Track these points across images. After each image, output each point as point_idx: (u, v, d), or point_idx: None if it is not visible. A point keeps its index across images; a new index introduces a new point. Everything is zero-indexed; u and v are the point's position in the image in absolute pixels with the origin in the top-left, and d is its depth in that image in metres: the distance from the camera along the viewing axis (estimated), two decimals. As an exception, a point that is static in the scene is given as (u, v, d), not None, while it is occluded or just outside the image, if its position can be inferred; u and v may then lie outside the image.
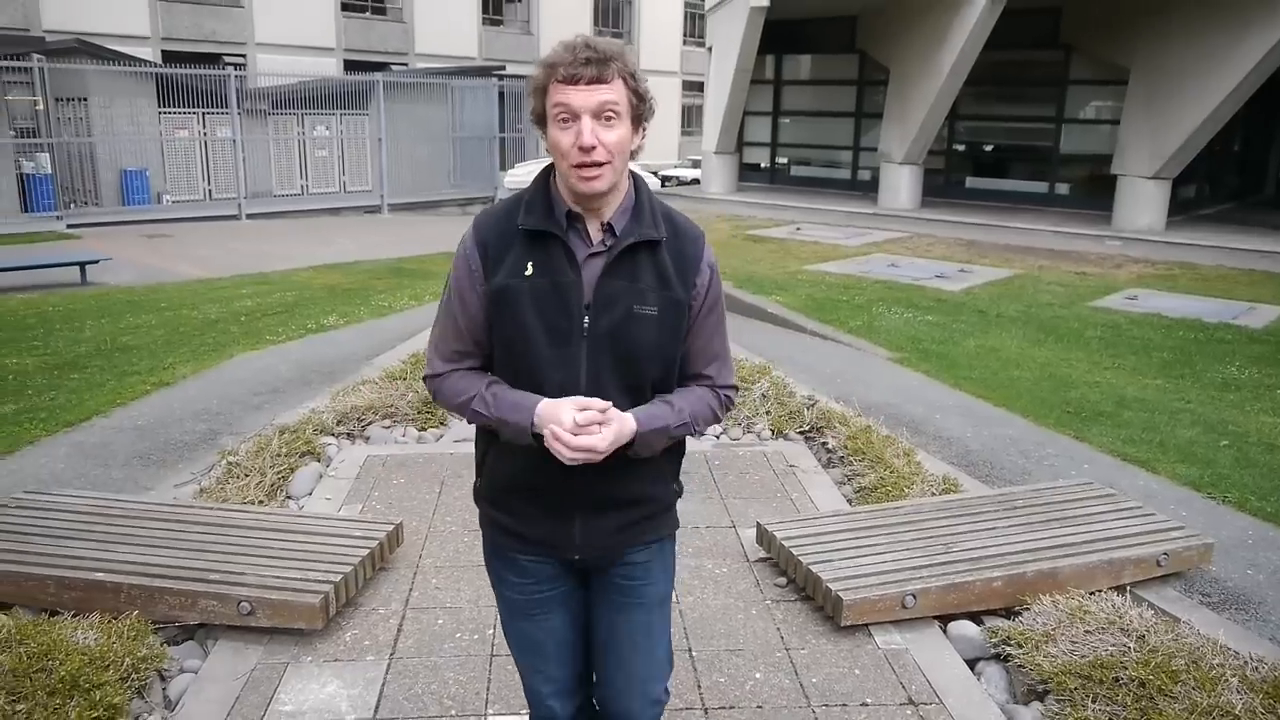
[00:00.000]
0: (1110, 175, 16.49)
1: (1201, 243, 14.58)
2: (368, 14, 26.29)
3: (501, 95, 21.97)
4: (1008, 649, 3.14)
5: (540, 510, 1.97)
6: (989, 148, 20.62)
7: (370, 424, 5.24)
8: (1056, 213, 17.81)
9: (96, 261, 10.82)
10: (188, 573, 3.25)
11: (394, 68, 25.05)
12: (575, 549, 1.99)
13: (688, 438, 2.07)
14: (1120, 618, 3.11)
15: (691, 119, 36.34)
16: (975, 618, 3.40)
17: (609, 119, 1.76)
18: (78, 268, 10.64)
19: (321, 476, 4.61)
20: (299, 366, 6.71)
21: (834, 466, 4.93)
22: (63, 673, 2.65)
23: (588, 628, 2.13)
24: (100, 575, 3.22)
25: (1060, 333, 8.39)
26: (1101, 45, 17.04)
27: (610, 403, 1.79)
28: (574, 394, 1.82)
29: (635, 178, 1.93)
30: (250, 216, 17.10)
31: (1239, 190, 21.24)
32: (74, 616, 3.08)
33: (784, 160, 23.42)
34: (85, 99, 16.81)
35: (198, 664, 3.09)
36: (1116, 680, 2.80)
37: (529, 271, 1.84)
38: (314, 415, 5.15)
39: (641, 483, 1.99)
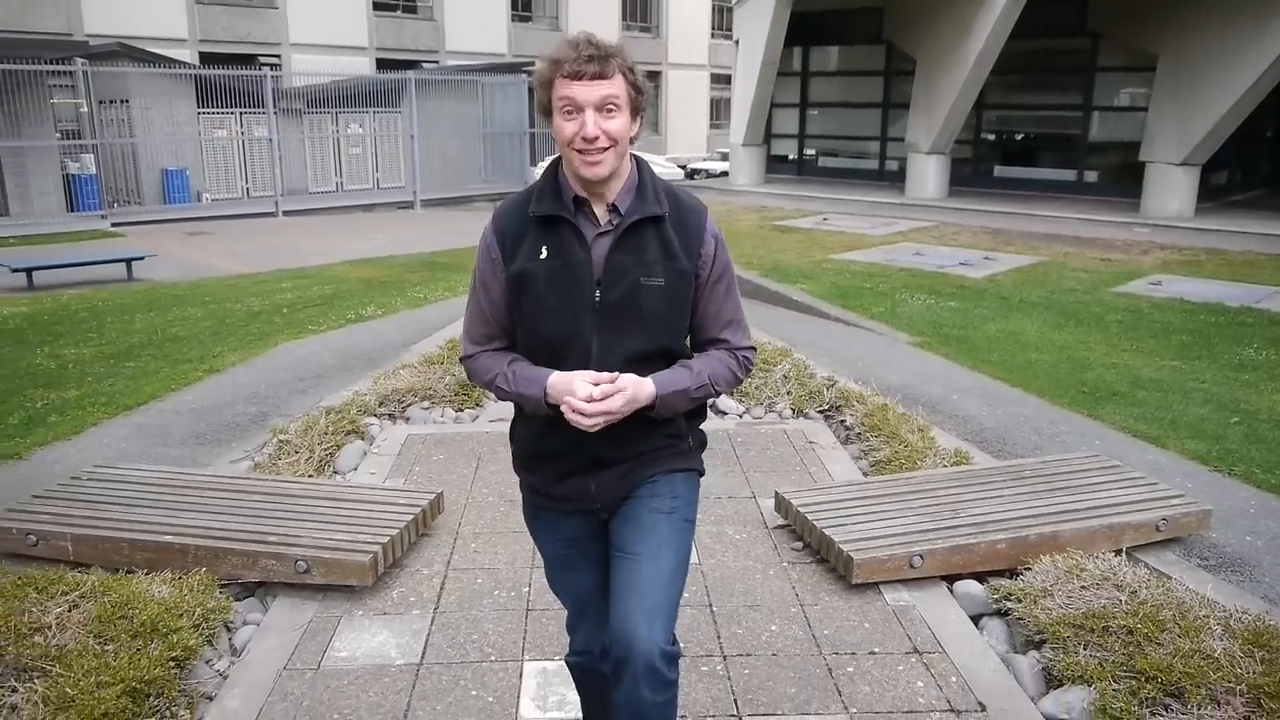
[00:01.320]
0: (1139, 162, 16.47)
1: (1231, 229, 14.56)
2: (399, 13, 26.69)
3: (531, 91, 22.22)
4: (1008, 604, 3.36)
5: (560, 472, 2.13)
6: (1017, 136, 20.60)
7: (410, 405, 5.53)
8: (1085, 200, 17.81)
9: (142, 258, 11.23)
10: (248, 535, 3.55)
11: (425, 65, 25.42)
12: (595, 501, 2.14)
13: (708, 411, 2.23)
14: (1114, 575, 3.32)
15: (720, 112, 36.46)
16: (980, 578, 3.61)
17: (610, 111, 1.92)
18: (124, 264, 11.05)
19: (366, 453, 4.90)
20: (340, 354, 7.02)
21: (851, 443, 5.15)
22: (143, 618, 2.94)
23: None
24: (169, 538, 3.52)
25: (1081, 317, 8.53)
26: (1129, 32, 17.01)
27: (619, 374, 1.94)
28: (587, 366, 1.98)
29: (637, 160, 2.08)
30: (287, 213, 17.53)
31: (1272, 176, 21.06)
32: (146, 574, 3.38)
33: (811, 152, 23.52)
34: (127, 101, 17.32)
35: (259, 617, 3.38)
36: (1106, 629, 3.01)
37: (543, 255, 2.01)
38: (357, 397, 5.44)
39: (653, 443, 2.12)
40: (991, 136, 20.74)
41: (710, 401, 2.31)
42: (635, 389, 1.95)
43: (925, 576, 3.57)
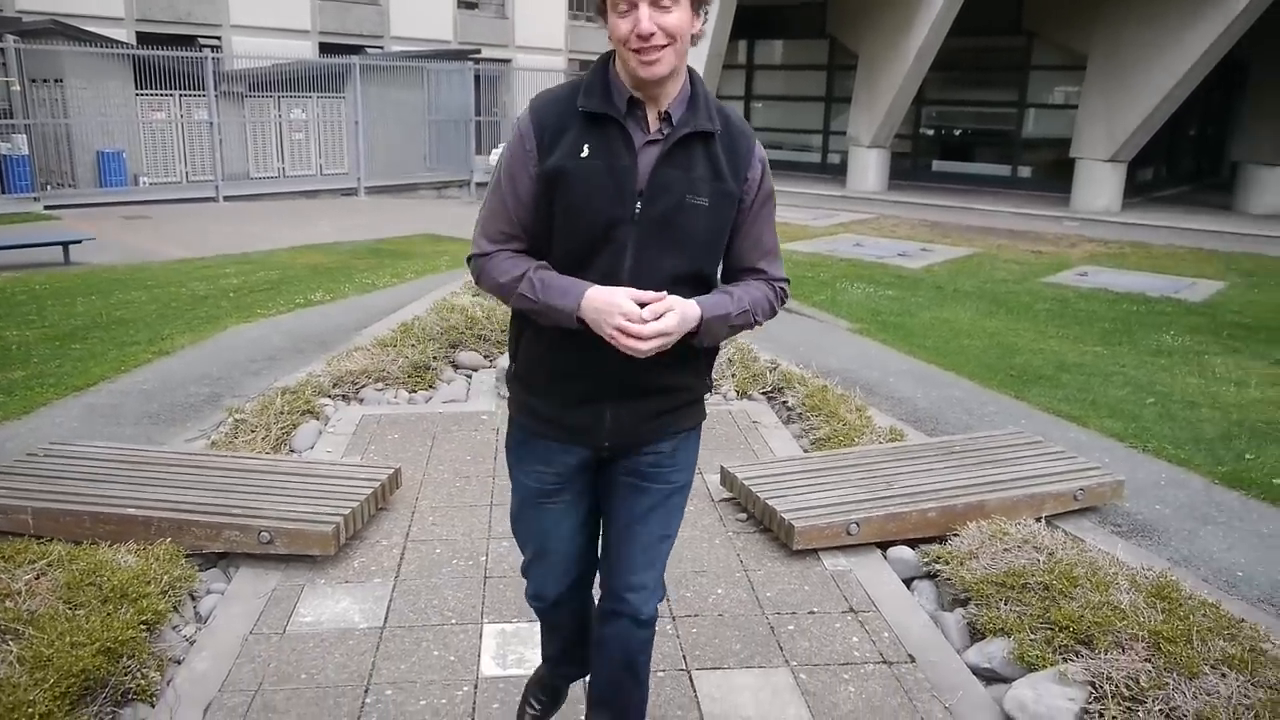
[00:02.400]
0: (1070, 159, 17.05)
1: (1155, 223, 15.18)
2: (342, -3, 26.35)
3: (477, 78, 22.20)
4: (937, 567, 3.59)
5: (574, 396, 2.01)
6: (955, 132, 21.16)
7: (364, 387, 5.62)
8: (1019, 195, 18.38)
9: (80, 241, 11.02)
10: (211, 508, 3.64)
11: (370, 50, 25.15)
12: (605, 435, 2.03)
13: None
14: (1034, 539, 3.57)
15: (665, 103, 36.55)
16: (912, 544, 3.84)
17: (666, 6, 1.78)
18: (61, 248, 10.85)
19: (321, 433, 4.99)
20: (291, 337, 7.07)
21: (793, 422, 5.37)
22: (112, 584, 3.03)
23: (595, 523, 2.22)
24: (132, 510, 3.60)
25: (1011, 306, 8.89)
26: (1061, 31, 17.59)
27: (664, 293, 1.84)
28: (617, 281, 1.86)
29: (691, 71, 1.95)
30: (227, 199, 17.29)
31: (1196, 173, 21.92)
32: (111, 546, 3.45)
33: (756, 144, 23.81)
34: (60, 80, 16.91)
35: (224, 586, 3.48)
36: (1025, 586, 3.25)
37: (585, 153, 1.86)
38: (312, 378, 5.52)
39: (675, 372, 2.02)
40: (930, 132, 21.26)
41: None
42: (684, 309, 1.84)
43: (861, 543, 3.79)
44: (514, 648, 3.09)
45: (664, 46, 1.80)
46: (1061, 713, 2.73)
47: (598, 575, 2.30)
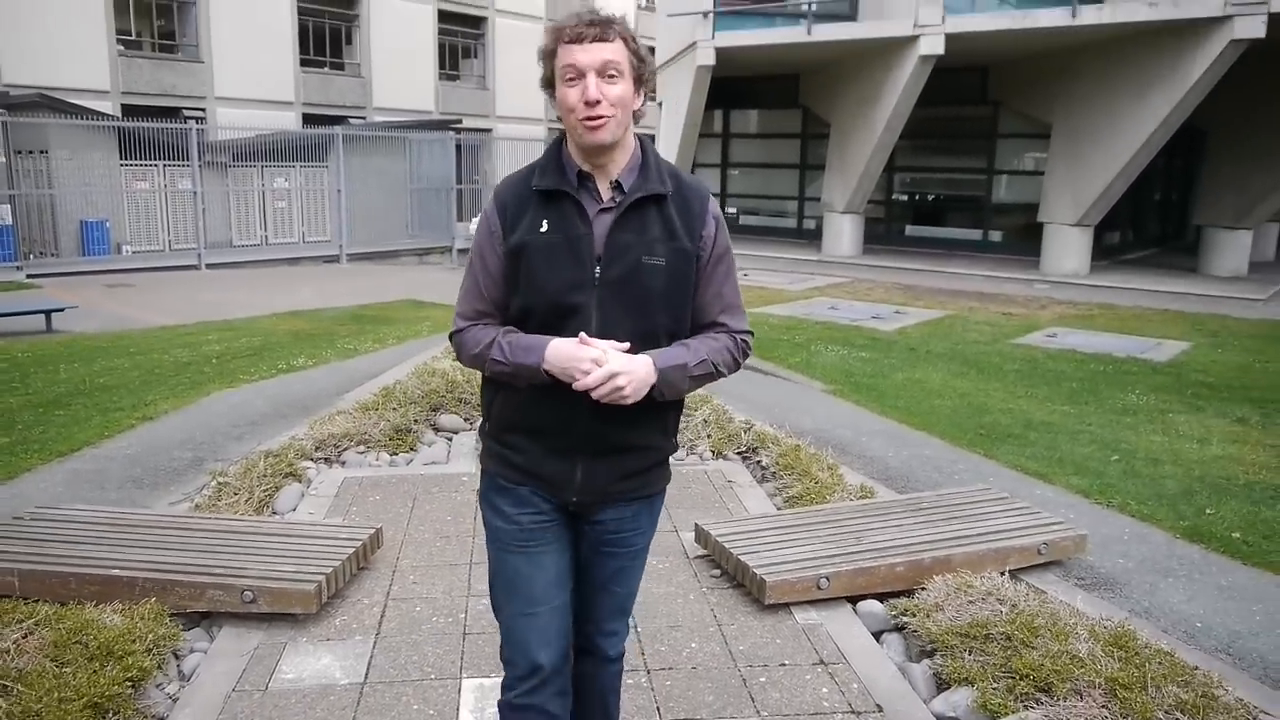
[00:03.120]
0: (1038, 223, 17.50)
1: (1122, 285, 15.55)
2: (326, 69, 26.91)
3: (459, 147, 22.62)
4: (905, 619, 3.70)
5: (544, 451, 2.09)
6: (927, 198, 21.66)
7: (346, 450, 5.71)
8: (990, 258, 18.78)
9: (62, 310, 11.12)
10: (195, 568, 3.71)
11: (352, 121, 25.63)
12: (574, 490, 2.10)
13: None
14: (997, 591, 3.68)
15: (643, 170, 37.25)
16: (881, 598, 3.94)
17: (612, 77, 1.94)
18: (43, 316, 10.94)
19: (304, 495, 5.07)
20: (274, 401, 7.16)
21: (767, 481, 5.49)
22: (98, 642, 3.09)
23: (571, 581, 2.24)
24: (116, 571, 3.66)
25: (982, 366, 9.10)
26: (1025, 102, 18.18)
27: (623, 344, 1.96)
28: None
29: (641, 139, 2.09)
30: (210, 266, 17.46)
31: (1162, 236, 22.47)
32: (96, 606, 3.51)
33: (733, 210, 24.27)
34: (46, 151, 17.13)
35: (206, 645, 3.53)
36: (988, 636, 3.36)
37: (544, 228, 2.00)
38: (294, 442, 5.60)
39: (644, 431, 2.11)
40: (903, 197, 21.76)
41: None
42: (633, 365, 1.95)
43: (831, 597, 3.89)
44: (492, 701, 3.14)
45: (609, 115, 1.94)
46: (1023, 757, 2.83)
47: None
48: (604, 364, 1.92)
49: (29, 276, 15.55)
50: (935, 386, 8.20)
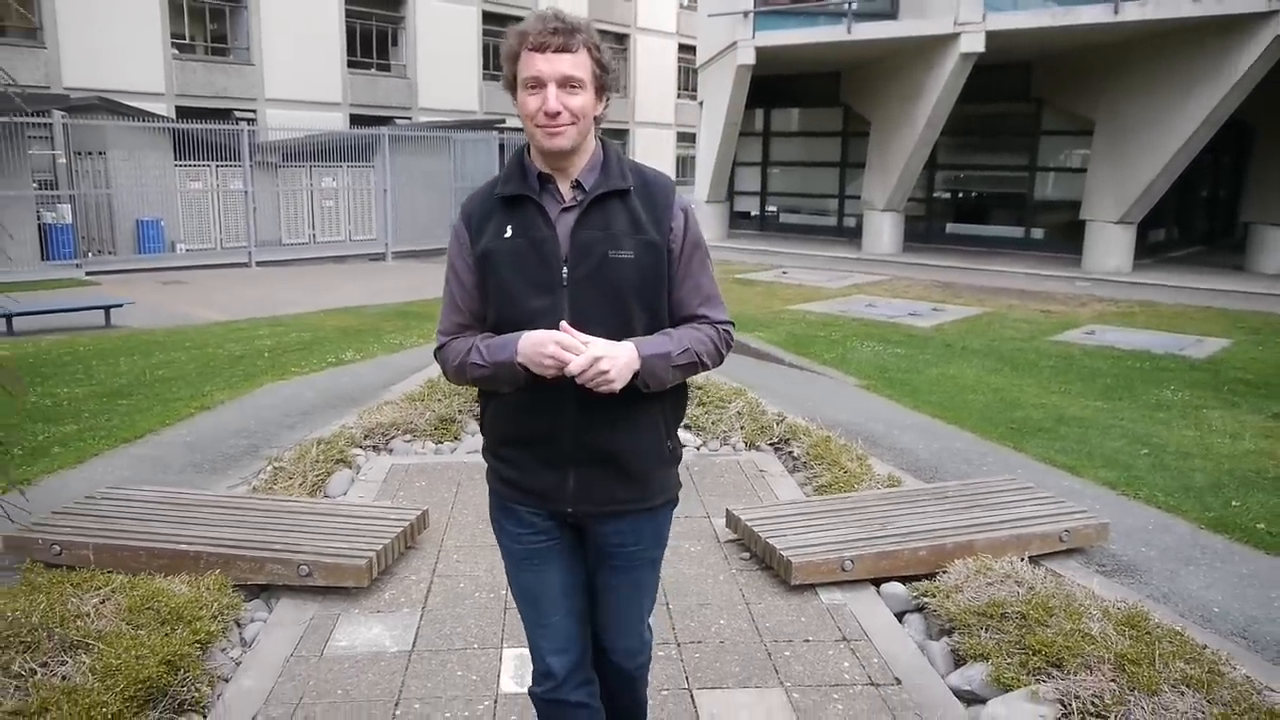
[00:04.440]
0: (1080, 220, 17.40)
1: (1165, 283, 15.41)
2: (373, 70, 27.42)
3: (501, 147, 22.94)
4: (926, 600, 3.85)
5: (536, 462, 2.10)
6: (968, 195, 21.58)
7: (393, 438, 5.96)
8: (1031, 256, 18.70)
9: (120, 305, 11.56)
10: (255, 544, 3.96)
11: (398, 121, 26.10)
12: (569, 501, 2.10)
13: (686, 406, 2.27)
14: (1015, 573, 3.82)
15: (685, 169, 37.49)
16: (904, 581, 4.09)
17: (573, 88, 1.94)
18: (103, 312, 11.39)
19: (354, 480, 5.33)
20: (324, 393, 7.45)
21: (798, 471, 5.65)
22: (169, 608, 3.35)
23: (584, 592, 2.27)
24: (183, 546, 3.93)
25: (1017, 363, 9.16)
26: (1068, 99, 18.07)
27: (592, 338, 1.94)
28: None
29: (602, 140, 2.09)
30: (260, 264, 17.92)
31: (1209, 234, 22.17)
32: (164, 577, 3.78)
33: (773, 208, 24.38)
34: (104, 153, 17.72)
35: (266, 615, 3.79)
36: (1004, 615, 3.50)
37: (508, 234, 2.02)
38: (344, 430, 5.87)
39: (636, 434, 2.09)
40: (944, 195, 21.70)
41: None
42: (616, 350, 1.94)
43: (856, 579, 4.05)
44: (530, 669, 3.36)
45: (569, 124, 1.95)
46: (1032, 727, 2.97)
47: None
48: (578, 350, 1.91)
49: (88, 274, 16.10)
50: (969, 382, 8.29)
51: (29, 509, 3.53)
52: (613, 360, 1.92)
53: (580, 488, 2.10)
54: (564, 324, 1.96)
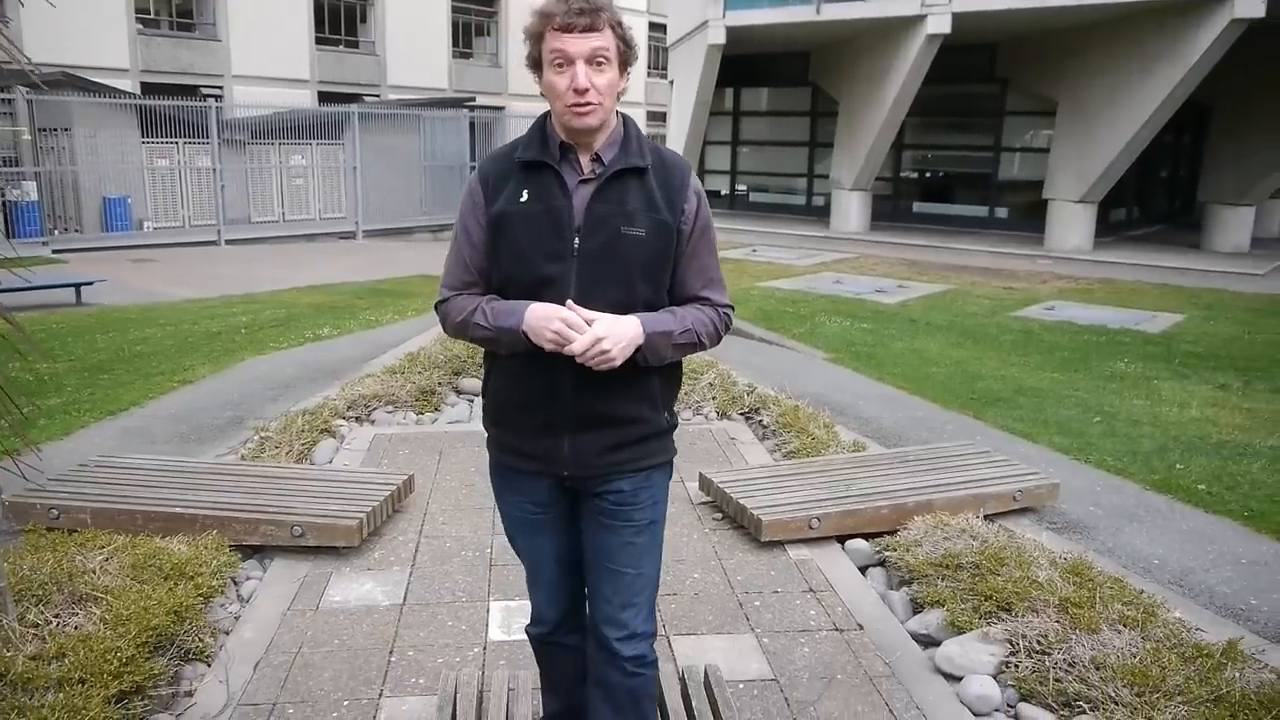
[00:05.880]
0: (1043, 200, 17.77)
1: (1124, 261, 15.83)
2: (341, 47, 27.24)
3: (472, 125, 22.95)
4: (887, 554, 4.10)
5: (533, 426, 2.14)
6: (934, 175, 21.91)
7: (375, 409, 6.12)
8: (995, 234, 19.07)
9: (91, 283, 11.53)
10: (249, 507, 4.13)
11: (367, 99, 25.97)
12: (565, 464, 2.14)
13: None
14: (970, 528, 4.08)
15: (654, 148, 37.53)
16: (867, 538, 4.34)
17: (600, 64, 1.97)
18: (73, 289, 11.37)
19: (338, 449, 5.49)
20: (304, 367, 7.58)
21: (767, 439, 5.88)
22: (171, 564, 3.52)
23: (577, 553, 2.30)
24: (179, 509, 4.09)
25: (979, 337, 9.46)
26: (1032, 79, 18.40)
27: (600, 313, 1.98)
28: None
29: (624, 117, 2.14)
30: (230, 242, 17.87)
31: (1169, 213, 22.69)
32: (163, 538, 3.93)
33: (743, 187, 24.59)
34: (69, 129, 17.54)
35: (261, 574, 3.96)
36: (959, 566, 3.76)
37: (524, 198, 2.05)
38: (328, 402, 6.03)
39: (630, 403, 2.13)
40: (911, 174, 22.02)
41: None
42: (620, 326, 1.98)
43: (822, 536, 4.29)
44: (517, 619, 3.58)
45: (597, 103, 1.99)
46: (982, 665, 3.23)
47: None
48: (582, 329, 1.96)
49: (55, 252, 15.99)
50: (932, 355, 8.56)
51: (41, 459, 3.65)
52: (616, 340, 1.97)
53: (575, 451, 2.14)
54: (570, 302, 2.01)
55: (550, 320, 1.97)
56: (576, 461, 2.14)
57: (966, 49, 17.89)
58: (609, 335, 1.96)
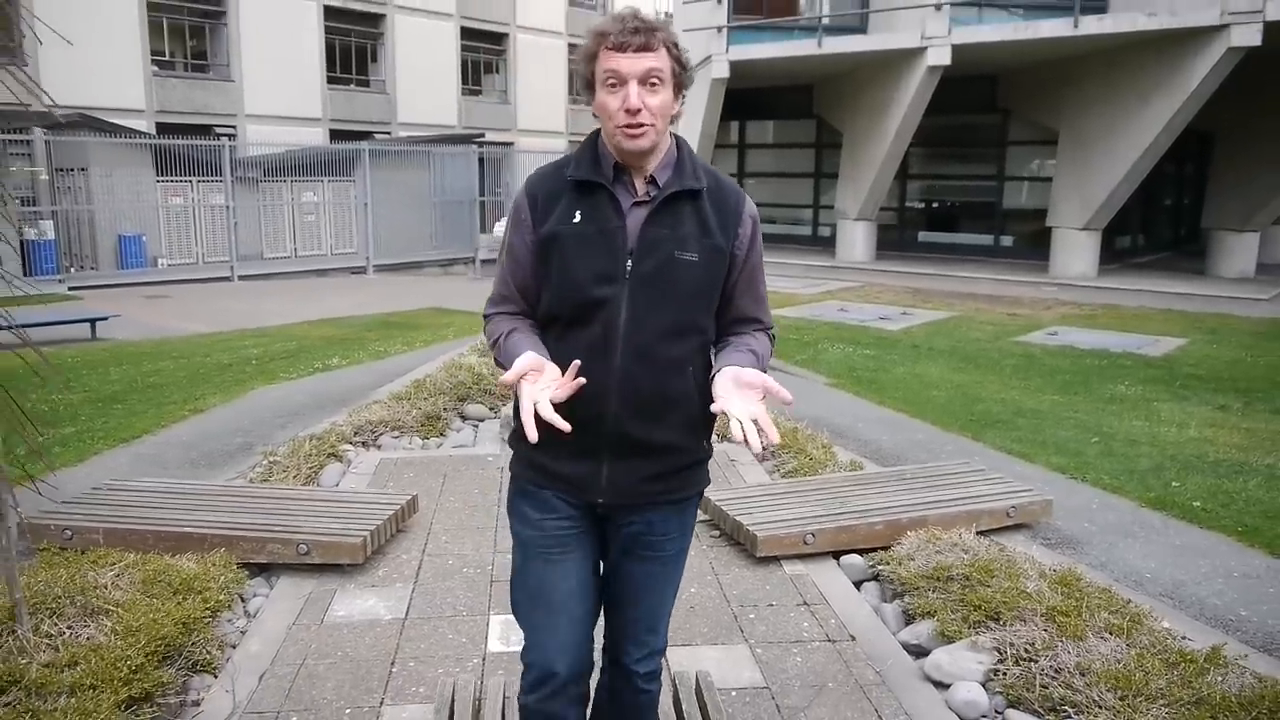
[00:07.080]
0: (1047, 227, 17.89)
1: (1129, 287, 15.90)
2: (352, 86, 27.68)
3: (481, 161, 23.26)
4: (881, 568, 4.17)
5: (571, 450, 2.02)
6: (939, 204, 22.08)
7: (381, 435, 6.24)
8: (1000, 262, 19.18)
9: (106, 319, 11.75)
10: (256, 526, 4.24)
11: (378, 136, 26.37)
12: (601, 492, 2.06)
13: None
14: (961, 542, 4.15)
15: (662, 181, 37.83)
16: (862, 553, 4.41)
17: (653, 85, 1.92)
18: (88, 325, 11.58)
19: (345, 473, 5.60)
20: (313, 396, 7.71)
21: (766, 460, 5.96)
22: (180, 579, 3.62)
23: (600, 579, 2.21)
24: (189, 529, 4.20)
25: (980, 362, 9.53)
26: (1032, 109, 18.60)
27: (571, 367, 1.89)
28: (614, 335, 1.97)
29: (677, 138, 2.08)
30: (243, 278, 18.13)
31: (1174, 240, 22.76)
32: (172, 556, 4.04)
33: (749, 218, 24.73)
34: (85, 169, 17.89)
35: (267, 591, 4.06)
36: (950, 578, 3.83)
37: (577, 219, 1.99)
38: (335, 428, 6.14)
39: (674, 430, 2.06)
40: (916, 204, 22.18)
41: None
42: (756, 401, 1.92)
43: (817, 552, 4.37)
44: (516, 632, 3.64)
45: (649, 125, 1.94)
46: (971, 672, 3.30)
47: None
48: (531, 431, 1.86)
49: (70, 289, 16.25)
50: (933, 380, 8.64)
51: (56, 484, 3.77)
52: (763, 411, 1.92)
53: (613, 478, 2.07)
54: (574, 365, 1.91)
55: (523, 398, 1.90)
56: (613, 489, 2.08)
57: (967, 80, 18.11)
58: (759, 413, 1.91)
